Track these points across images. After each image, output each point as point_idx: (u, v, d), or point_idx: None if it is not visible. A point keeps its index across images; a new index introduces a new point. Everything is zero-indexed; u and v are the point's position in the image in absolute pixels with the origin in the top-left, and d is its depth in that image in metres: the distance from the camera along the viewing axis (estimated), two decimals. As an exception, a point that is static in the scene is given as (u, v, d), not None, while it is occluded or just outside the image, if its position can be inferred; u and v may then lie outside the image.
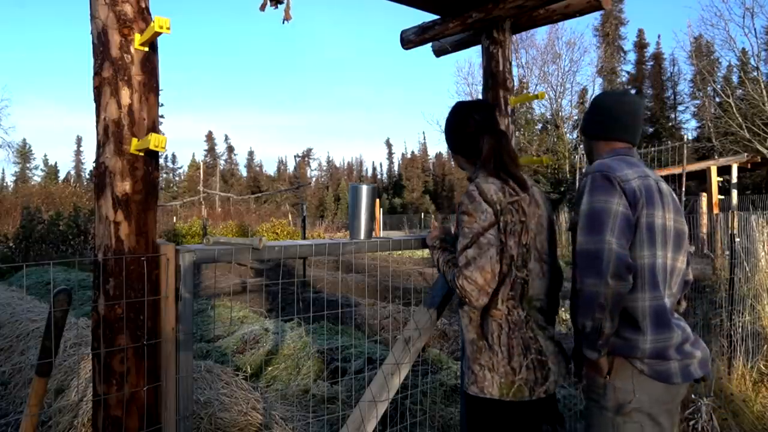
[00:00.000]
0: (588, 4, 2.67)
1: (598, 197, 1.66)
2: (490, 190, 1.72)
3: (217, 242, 1.78)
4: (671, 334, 1.66)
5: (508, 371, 1.73)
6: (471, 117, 1.89)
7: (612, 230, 1.61)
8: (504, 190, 1.74)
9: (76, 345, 3.67)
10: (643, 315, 1.65)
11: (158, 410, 1.57)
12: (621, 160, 1.76)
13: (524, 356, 1.74)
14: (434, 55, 3.28)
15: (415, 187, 63.93)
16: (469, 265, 1.68)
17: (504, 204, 1.72)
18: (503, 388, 1.72)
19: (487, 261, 1.67)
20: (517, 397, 1.72)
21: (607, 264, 1.57)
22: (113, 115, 1.51)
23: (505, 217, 1.71)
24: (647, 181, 1.71)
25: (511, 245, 1.72)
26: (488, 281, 1.68)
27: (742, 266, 4.35)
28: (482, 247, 1.67)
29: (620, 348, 1.69)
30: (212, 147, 69.32)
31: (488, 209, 1.70)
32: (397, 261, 12.72)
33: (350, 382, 3.69)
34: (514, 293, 1.75)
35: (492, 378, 1.73)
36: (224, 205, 34.13)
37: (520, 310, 1.75)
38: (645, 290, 1.66)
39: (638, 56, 40.86)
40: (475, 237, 1.68)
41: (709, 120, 27.62)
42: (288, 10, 2.13)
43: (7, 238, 12.95)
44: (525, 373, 1.73)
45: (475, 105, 1.95)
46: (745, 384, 3.52)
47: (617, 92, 2.01)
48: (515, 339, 1.75)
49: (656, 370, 1.66)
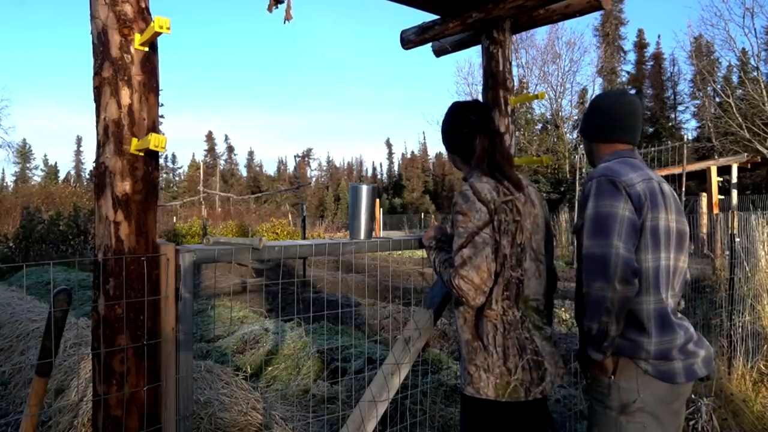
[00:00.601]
0: (588, 4, 2.67)
1: (604, 202, 1.66)
2: (484, 189, 1.73)
3: (217, 242, 1.78)
4: (675, 335, 1.67)
5: (503, 372, 1.72)
6: (466, 117, 1.89)
7: (619, 234, 1.61)
8: (498, 190, 1.74)
9: (76, 345, 3.67)
10: (648, 317, 1.66)
11: (158, 410, 1.57)
12: (623, 162, 1.77)
13: (520, 357, 1.74)
14: (434, 55, 3.28)
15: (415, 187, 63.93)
16: (465, 265, 1.68)
17: (498, 203, 1.72)
18: (499, 389, 1.72)
19: (483, 260, 1.67)
20: (512, 398, 1.72)
21: (615, 268, 1.58)
22: (113, 115, 1.51)
23: (499, 216, 1.71)
24: (650, 184, 1.72)
25: (505, 244, 1.72)
26: (484, 280, 1.68)
27: (742, 266, 4.35)
28: (477, 246, 1.67)
29: (625, 349, 1.69)
30: (212, 147, 69.34)
31: (482, 208, 1.70)
32: (397, 261, 12.72)
33: (350, 382, 3.69)
34: (509, 293, 1.75)
35: (487, 379, 1.73)
36: (224, 205, 34.14)
37: (515, 310, 1.75)
38: (650, 293, 1.67)
39: (638, 56, 40.87)
40: (470, 236, 1.69)
41: (709, 120, 27.63)
42: (289, 9, 2.13)
43: (7, 238, 12.95)
44: (521, 374, 1.73)
45: (470, 105, 1.95)
46: (745, 384, 3.52)
47: (615, 93, 1.99)
48: (510, 339, 1.74)
49: (660, 370, 1.67)
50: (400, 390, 2.17)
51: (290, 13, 2.13)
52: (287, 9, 2.12)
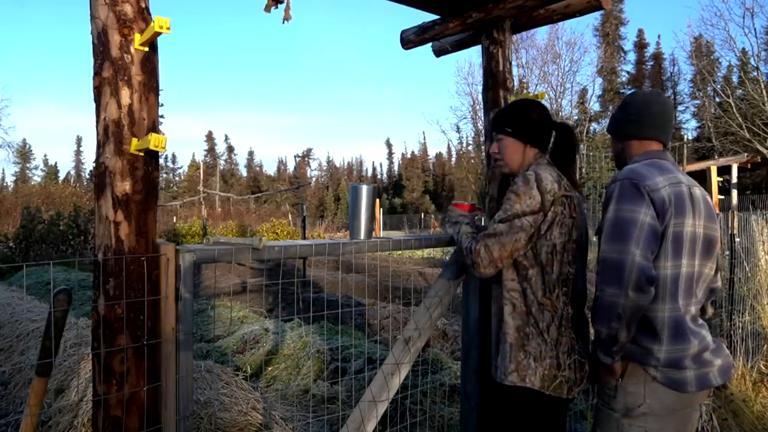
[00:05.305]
0: (588, 4, 2.67)
1: (624, 206, 1.64)
2: (547, 179, 1.75)
3: (217, 242, 1.78)
4: (688, 344, 1.65)
5: (552, 364, 1.73)
6: (545, 110, 1.94)
7: (637, 241, 1.58)
8: (560, 183, 1.77)
9: (76, 345, 3.67)
10: (661, 325, 1.64)
11: (158, 410, 1.57)
12: (652, 165, 1.73)
13: (569, 355, 1.76)
14: (434, 55, 3.27)
15: (415, 187, 63.93)
16: (493, 237, 1.72)
17: (558, 195, 1.74)
18: (545, 380, 1.72)
19: (510, 241, 1.71)
20: (556, 393, 1.73)
21: (629, 275, 1.56)
22: (113, 115, 1.51)
23: (556, 207, 1.73)
24: (678, 188, 1.68)
25: (557, 235, 1.74)
26: (502, 258, 1.72)
27: (742, 266, 4.34)
28: (513, 227, 1.71)
29: (635, 354, 1.68)
30: (212, 147, 69.33)
31: (537, 197, 1.71)
32: (397, 261, 12.71)
33: (350, 382, 3.69)
34: (567, 289, 1.77)
35: (535, 368, 1.73)
36: (224, 205, 34.13)
37: (570, 308, 1.78)
38: (665, 301, 1.64)
39: (638, 56, 40.91)
40: (512, 216, 1.71)
41: (709, 120, 27.63)
42: (288, 9, 2.12)
43: (7, 238, 12.94)
44: (567, 372, 1.75)
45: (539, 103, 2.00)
46: (745, 384, 3.51)
47: (648, 91, 1.97)
48: (565, 336, 1.76)
49: (670, 378, 1.65)
50: (400, 390, 2.16)
51: (289, 13, 2.13)
52: (286, 9, 2.12)
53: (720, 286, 1.88)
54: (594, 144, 22.49)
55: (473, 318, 2.39)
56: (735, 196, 16.52)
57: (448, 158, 64.80)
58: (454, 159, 58.18)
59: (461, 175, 37.08)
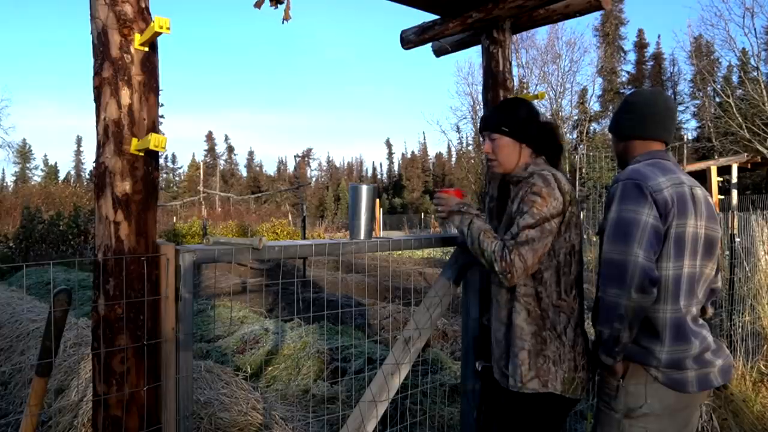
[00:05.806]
0: (588, 4, 2.67)
1: (627, 206, 1.63)
2: (562, 179, 1.75)
3: (217, 242, 1.78)
4: (689, 345, 1.64)
5: (571, 367, 1.72)
6: (534, 109, 1.91)
7: (639, 242, 1.58)
8: (569, 183, 1.78)
9: (76, 345, 3.67)
10: (663, 325, 1.64)
11: (158, 410, 1.57)
12: (654, 165, 1.72)
13: (583, 355, 1.77)
14: (434, 55, 3.27)
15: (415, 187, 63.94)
16: (526, 244, 1.65)
17: (572, 195, 1.74)
18: (566, 383, 1.71)
19: (541, 247, 1.67)
20: (574, 395, 1.73)
21: (632, 276, 1.56)
22: (113, 115, 1.51)
23: (572, 207, 1.74)
24: (680, 189, 1.67)
25: (574, 235, 1.75)
26: (534, 265, 1.68)
27: (742, 266, 4.34)
28: (544, 233, 1.67)
29: (637, 355, 1.68)
30: (212, 147, 69.35)
31: (560, 197, 1.70)
32: (397, 261, 12.70)
33: (350, 382, 3.69)
34: (580, 289, 1.77)
35: (556, 372, 1.71)
36: (224, 205, 34.14)
37: (582, 308, 1.78)
38: (667, 302, 1.64)
39: (638, 56, 40.90)
40: (541, 220, 1.67)
41: (709, 120, 27.63)
42: (287, 9, 2.12)
43: (7, 238, 12.94)
44: (582, 373, 1.75)
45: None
46: (745, 384, 3.51)
47: (651, 90, 1.94)
48: (580, 337, 1.76)
49: (672, 379, 1.65)
50: (400, 390, 2.16)
51: (288, 13, 2.13)
52: (286, 9, 2.12)
53: (720, 286, 1.87)
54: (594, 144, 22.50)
55: (473, 318, 2.39)
56: (735, 196, 16.51)
57: (448, 158, 64.82)
58: (454, 159, 58.23)
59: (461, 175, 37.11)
